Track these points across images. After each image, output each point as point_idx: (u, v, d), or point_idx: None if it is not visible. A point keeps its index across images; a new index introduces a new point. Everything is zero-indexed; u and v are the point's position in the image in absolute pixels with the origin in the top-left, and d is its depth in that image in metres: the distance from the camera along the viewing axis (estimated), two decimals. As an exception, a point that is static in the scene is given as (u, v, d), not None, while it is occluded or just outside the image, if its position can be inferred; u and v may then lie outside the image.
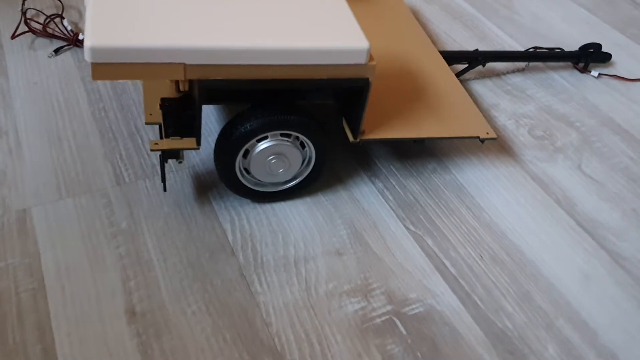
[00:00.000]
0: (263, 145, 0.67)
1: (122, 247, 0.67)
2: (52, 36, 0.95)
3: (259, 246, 0.69)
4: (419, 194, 0.77)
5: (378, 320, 0.63)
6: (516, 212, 0.76)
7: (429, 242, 0.71)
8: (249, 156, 0.67)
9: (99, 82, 0.88)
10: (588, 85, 0.98)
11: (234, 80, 0.60)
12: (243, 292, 0.64)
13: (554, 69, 1.01)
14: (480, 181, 0.80)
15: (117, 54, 0.56)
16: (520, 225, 0.74)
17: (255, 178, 0.70)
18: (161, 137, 0.67)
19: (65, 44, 0.94)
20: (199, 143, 0.64)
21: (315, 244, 0.69)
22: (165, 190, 0.70)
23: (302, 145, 0.69)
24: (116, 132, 0.81)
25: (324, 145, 0.69)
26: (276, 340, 0.60)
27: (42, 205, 0.70)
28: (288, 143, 0.67)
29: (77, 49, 0.94)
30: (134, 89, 0.87)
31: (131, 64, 0.57)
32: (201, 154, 0.78)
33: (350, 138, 0.69)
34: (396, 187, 0.78)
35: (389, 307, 0.64)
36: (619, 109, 0.94)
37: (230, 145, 0.65)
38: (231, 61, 0.59)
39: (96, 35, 0.55)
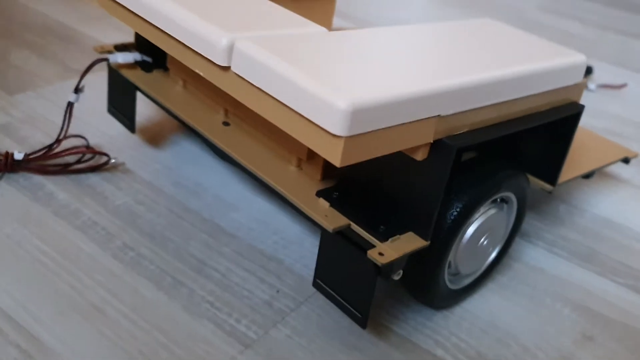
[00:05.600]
0: (477, 222, 0.49)
1: None
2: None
3: (501, 364, 0.50)
4: (586, 240, 0.65)
5: None
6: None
7: (650, 290, 0.60)
8: (456, 247, 0.49)
9: (86, 209, 0.60)
10: (596, 99, 0.99)
11: (478, 131, 0.43)
12: None
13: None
14: (621, 210, 0.71)
15: (380, 115, 0.35)
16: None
17: (458, 272, 0.52)
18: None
19: (-8, 171, 0.63)
20: (428, 236, 0.44)
21: (555, 339, 0.53)
22: (364, 328, 0.47)
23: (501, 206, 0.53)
24: (175, 273, 0.54)
25: (526, 198, 0.54)
26: None
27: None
28: (495, 209, 0.51)
29: (15, 175, 0.64)
30: (145, 208, 0.61)
31: (389, 129, 0.37)
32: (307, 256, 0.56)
33: (547, 187, 0.56)
34: (558, 240, 0.65)
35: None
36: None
37: (442, 239, 0.46)
38: (481, 102, 0.43)
39: (343, 91, 0.34)
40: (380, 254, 0.42)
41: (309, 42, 0.41)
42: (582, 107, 0.52)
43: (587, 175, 0.63)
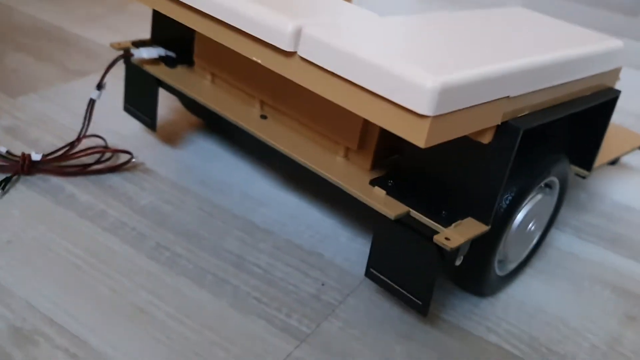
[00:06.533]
0: (527, 207, 0.50)
1: None
2: (-27, 170, 0.61)
3: (553, 347, 0.50)
4: (610, 225, 0.66)
5: None
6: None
7: (680, 270, 0.61)
8: (507, 233, 0.49)
9: (112, 210, 0.58)
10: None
11: (537, 114, 0.44)
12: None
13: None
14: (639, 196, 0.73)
15: (462, 95, 0.35)
16: None
17: (505, 258, 0.52)
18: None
19: (9, 174, 0.61)
20: (489, 221, 0.44)
21: (601, 320, 0.54)
22: (426, 312, 0.47)
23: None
24: (215, 271, 0.53)
25: (567, 183, 0.55)
26: None
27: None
28: (542, 195, 0.52)
29: (32, 177, 0.61)
30: (173, 207, 0.60)
31: (467, 110, 0.37)
32: (345, 246, 0.56)
33: (584, 173, 0.57)
34: (584, 226, 0.66)
35: None
36: None
37: (497, 225, 0.46)
38: (541, 84, 0.43)
39: (429, 70, 0.34)
40: (447, 239, 0.42)
41: (372, 26, 0.41)
42: (619, 92, 0.53)
43: (613, 162, 0.64)
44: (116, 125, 0.72)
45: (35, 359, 0.43)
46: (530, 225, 0.51)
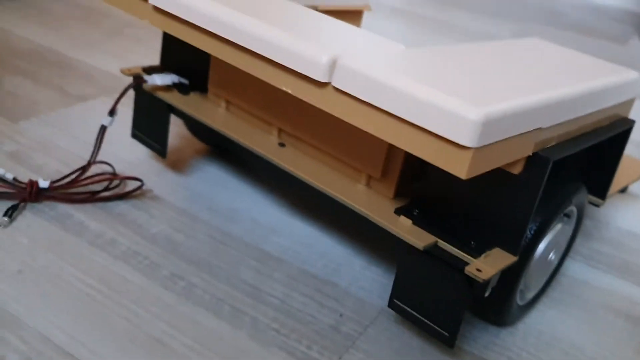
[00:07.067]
0: (549, 237, 0.50)
1: None
2: (-23, 197, 0.60)
3: (576, 377, 0.50)
4: (618, 252, 0.67)
5: None
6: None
7: (690, 299, 0.62)
8: (530, 262, 0.49)
9: (123, 238, 0.57)
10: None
11: (563, 145, 0.44)
12: None
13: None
14: (640, 223, 0.74)
15: (503, 126, 0.35)
16: None
17: (525, 287, 0.52)
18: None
19: (16, 201, 0.59)
20: (517, 251, 0.44)
21: (617, 349, 0.54)
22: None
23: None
24: (232, 301, 0.52)
25: (584, 211, 0.55)
26: None
27: None
28: (561, 224, 0.52)
29: (39, 205, 0.60)
30: (184, 236, 0.59)
31: (504, 141, 0.37)
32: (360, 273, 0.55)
33: (599, 202, 0.57)
34: (593, 253, 0.66)
35: None
36: None
37: (522, 255, 0.46)
38: (568, 115, 0.43)
39: (472, 102, 0.34)
40: (478, 270, 0.41)
41: (402, 57, 0.41)
42: (634, 122, 0.54)
43: (623, 190, 0.64)
44: (121, 152, 0.71)
45: (54, 395, 0.42)
46: (550, 254, 0.51)
